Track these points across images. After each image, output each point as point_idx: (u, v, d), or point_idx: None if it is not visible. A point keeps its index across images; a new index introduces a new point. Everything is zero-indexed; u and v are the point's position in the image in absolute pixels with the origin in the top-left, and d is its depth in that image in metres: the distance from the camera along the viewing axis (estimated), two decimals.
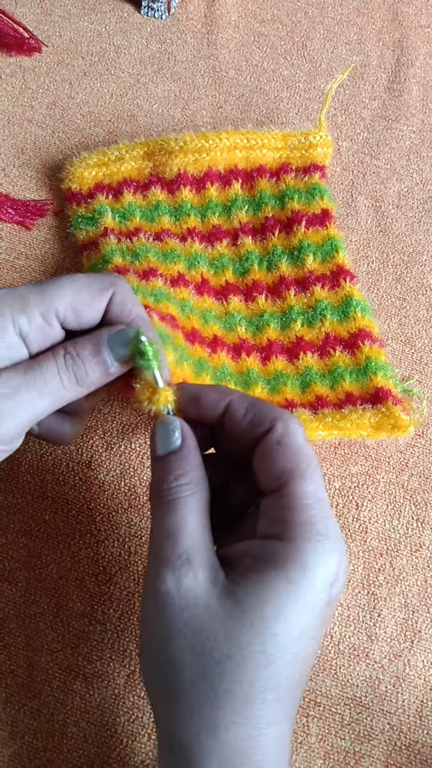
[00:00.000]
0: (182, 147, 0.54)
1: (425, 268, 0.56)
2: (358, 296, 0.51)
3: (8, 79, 0.64)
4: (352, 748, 0.39)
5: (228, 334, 0.50)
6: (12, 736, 0.39)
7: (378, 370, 0.47)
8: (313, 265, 0.52)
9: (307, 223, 0.54)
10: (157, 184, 0.55)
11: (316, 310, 0.50)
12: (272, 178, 0.56)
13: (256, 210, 0.55)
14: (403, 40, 0.69)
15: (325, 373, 0.48)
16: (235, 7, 0.70)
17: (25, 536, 0.44)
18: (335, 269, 0.52)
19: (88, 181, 0.55)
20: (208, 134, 0.55)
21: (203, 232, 0.54)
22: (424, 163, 0.62)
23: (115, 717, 0.39)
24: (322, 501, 0.32)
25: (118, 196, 0.54)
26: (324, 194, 0.55)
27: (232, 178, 0.56)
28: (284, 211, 0.55)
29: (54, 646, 0.41)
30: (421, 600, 0.43)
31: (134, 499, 0.45)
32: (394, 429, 0.44)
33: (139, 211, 0.54)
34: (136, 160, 0.55)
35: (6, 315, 0.34)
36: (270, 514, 0.32)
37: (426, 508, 0.46)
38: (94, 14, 0.69)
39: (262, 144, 0.55)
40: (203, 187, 0.55)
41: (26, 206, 0.56)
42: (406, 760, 0.39)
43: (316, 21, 0.71)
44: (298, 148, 0.56)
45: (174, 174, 0.55)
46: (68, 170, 0.55)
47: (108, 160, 0.55)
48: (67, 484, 0.45)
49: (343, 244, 0.53)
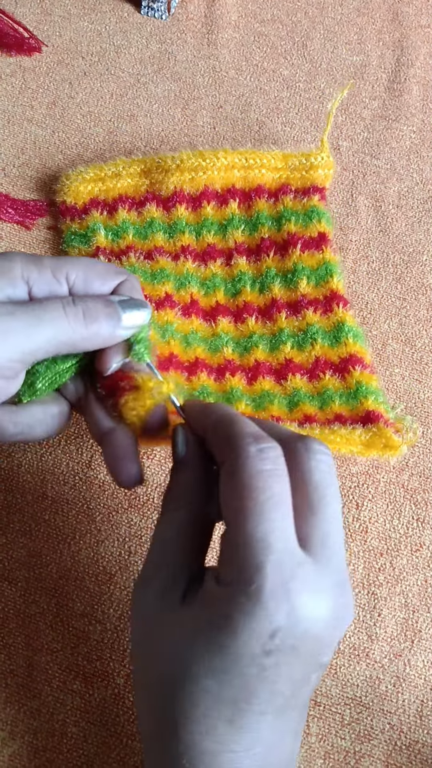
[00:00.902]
0: (179, 165, 0.53)
1: (425, 268, 0.56)
2: (351, 322, 0.50)
3: (8, 79, 0.64)
4: (352, 748, 0.39)
5: (212, 356, 0.49)
6: (12, 735, 0.39)
7: (369, 395, 0.46)
8: (306, 289, 0.51)
9: (302, 246, 0.53)
10: (152, 201, 0.54)
11: (307, 334, 0.49)
12: (270, 198, 0.55)
13: (252, 230, 0.54)
14: (403, 40, 0.69)
15: (314, 394, 0.47)
16: (235, 7, 0.70)
17: (25, 536, 0.44)
18: (329, 294, 0.51)
19: (84, 196, 0.54)
20: (205, 153, 0.54)
21: (197, 250, 0.53)
22: (424, 163, 0.62)
23: (115, 717, 0.39)
24: (262, 543, 0.28)
25: (112, 213, 0.54)
26: (322, 217, 0.54)
27: (229, 197, 0.55)
28: (280, 232, 0.54)
29: (54, 646, 0.41)
30: (422, 600, 0.43)
31: (134, 499, 0.45)
32: (385, 448, 0.44)
33: (132, 229, 0.53)
34: (133, 177, 0.54)
35: (16, 260, 0.34)
36: (222, 549, 0.30)
37: (426, 508, 0.46)
38: (94, 14, 0.69)
39: (261, 164, 0.54)
40: (199, 205, 0.54)
41: (26, 206, 0.56)
42: (407, 759, 0.39)
43: (316, 21, 0.71)
44: (299, 169, 0.55)
45: (170, 192, 0.54)
46: (63, 183, 0.54)
47: (105, 176, 0.54)
48: (67, 484, 0.45)
49: (338, 269, 0.52)
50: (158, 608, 0.30)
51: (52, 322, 0.33)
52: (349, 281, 0.55)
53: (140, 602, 0.31)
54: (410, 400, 0.50)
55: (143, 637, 0.31)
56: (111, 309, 0.35)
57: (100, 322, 0.35)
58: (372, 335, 0.52)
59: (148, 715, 0.31)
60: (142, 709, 0.32)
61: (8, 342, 0.32)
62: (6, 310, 0.32)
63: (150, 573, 0.32)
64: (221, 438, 0.31)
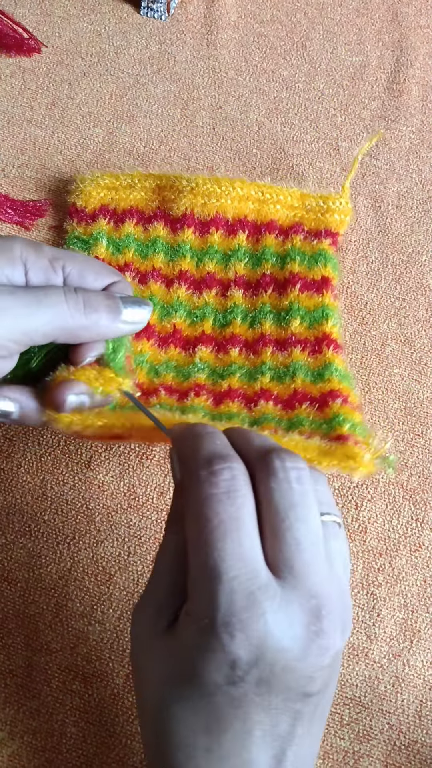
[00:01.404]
0: (193, 188, 0.52)
1: (425, 268, 0.56)
2: (340, 364, 0.47)
3: (8, 79, 0.64)
4: (351, 748, 0.39)
5: (182, 382, 0.47)
6: (11, 735, 0.39)
7: (345, 423, 0.41)
8: (298, 329, 0.49)
9: (302, 286, 0.51)
10: (161, 219, 0.53)
11: (289, 369, 0.47)
12: (280, 235, 0.54)
13: (255, 265, 0.53)
14: (403, 41, 0.69)
15: (284, 419, 0.44)
16: (234, 8, 0.71)
17: (24, 536, 0.44)
18: (320, 336, 0.49)
19: (94, 201, 0.54)
20: (222, 180, 0.53)
21: (195, 277, 0.52)
22: (424, 164, 0.62)
23: (114, 717, 0.39)
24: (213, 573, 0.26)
25: (119, 225, 0.53)
26: (328, 262, 0.52)
27: (238, 228, 0.54)
28: (283, 271, 0.52)
29: (53, 646, 0.41)
30: (421, 600, 0.43)
31: (134, 499, 0.45)
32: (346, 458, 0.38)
33: (134, 245, 0.52)
34: (146, 191, 0.54)
35: (16, 242, 0.35)
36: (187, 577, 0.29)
37: (425, 508, 0.46)
38: (93, 15, 0.69)
39: (276, 199, 0.53)
40: (207, 231, 0.53)
41: (26, 206, 0.56)
42: (406, 759, 0.39)
43: (315, 21, 0.71)
44: (314, 210, 0.54)
45: (180, 213, 0.53)
46: (78, 186, 0.54)
47: (119, 185, 0.54)
48: (66, 484, 0.45)
49: (336, 315, 0.50)
50: (148, 634, 0.30)
51: (52, 307, 0.34)
52: (348, 281, 0.55)
53: (136, 625, 0.31)
54: (410, 400, 0.50)
55: (137, 659, 0.31)
56: (112, 302, 0.36)
57: (99, 313, 0.35)
58: (372, 335, 0.53)
59: (143, 729, 0.32)
60: (140, 723, 0.32)
61: (7, 319, 0.33)
62: (7, 290, 0.33)
63: (145, 597, 0.31)
64: (180, 461, 0.30)
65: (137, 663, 0.31)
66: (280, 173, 0.60)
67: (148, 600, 0.31)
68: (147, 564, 0.43)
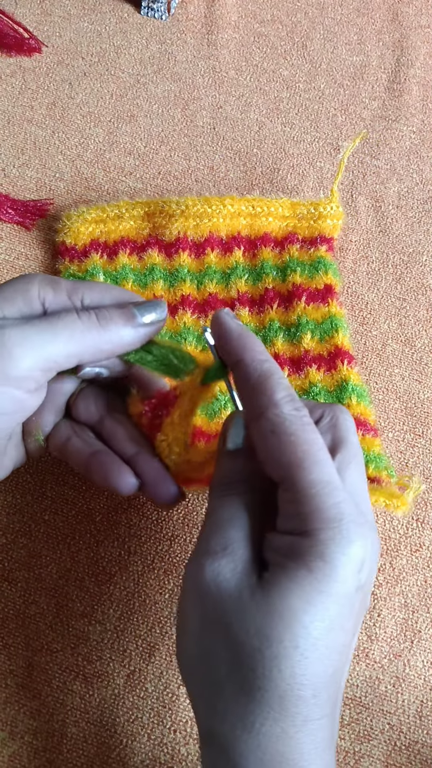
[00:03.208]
0: (183, 211, 0.52)
1: (425, 268, 0.56)
2: (356, 380, 0.48)
3: (8, 79, 0.64)
4: (351, 748, 0.39)
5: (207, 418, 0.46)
6: (12, 736, 0.39)
7: (370, 462, 0.44)
8: (310, 344, 0.49)
9: (308, 298, 0.51)
10: (154, 246, 0.53)
11: (309, 395, 0.47)
12: (276, 247, 0.54)
13: (256, 280, 0.53)
14: (403, 40, 0.69)
15: None
16: (235, 8, 0.70)
17: (24, 536, 0.44)
18: (333, 350, 0.49)
19: (84, 237, 0.52)
20: (211, 199, 0.52)
21: (198, 300, 0.52)
22: (424, 164, 0.62)
23: (115, 717, 0.39)
24: (331, 485, 0.30)
25: (112, 257, 0.52)
26: (329, 269, 0.52)
27: (233, 245, 0.53)
28: (285, 283, 0.52)
29: (54, 646, 0.41)
30: (421, 600, 0.43)
31: (134, 499, 0.45)
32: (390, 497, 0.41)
33: (132, 275, 0.52)
34: (136, 220, 0.53)
35: (34, 281, 0.36)
36: (283, 507, 0.31)
37: (426, 508, 0.46)
38: (94, 14, 0.69)
39: (268, 212, 0.53)
40: (203, 252, 0.53)
41: (26, 206, 0.56)
42: (406, 760, 0.39)
43: (316, 21, 0.71)
44: (307, 218, 0.53)
45: (173, 237, 0.53)
46: (64, 223, 0.52)
47: (107, 217, 0.52)
48: (67, 484, 0.45)
49: (344, 323, 0.50)
50: (241, 591, 0.30)
51: (66, 327, 0.34)
52: (349, 281, 0.55)
53: (221, 579, 0.30)
54: (410, 400, 0.50)
55: (229, 618, 0.30)
56: (124, 309, 0.36)
57: (116, 322, 0.35)
58: (372, 335, 0.53)
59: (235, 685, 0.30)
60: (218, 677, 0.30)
61: (26, 349, 0.33)
62: (22, 321, 0.34)
63: (228, 551, 0.31)
64: (260, 394, 0.32)
65: (229, 621, 0.30)
66: (280, 173, 0.60)
67: (229, 556, 0.31)
68: (147, 564, 0.43)
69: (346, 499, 0.30)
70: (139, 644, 0.41)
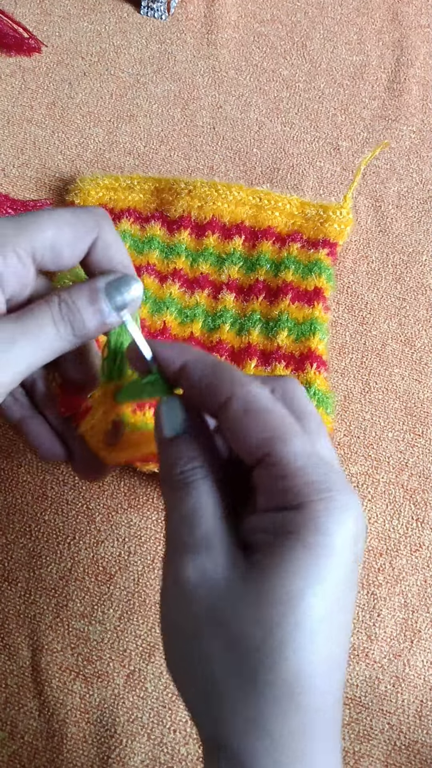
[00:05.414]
0: (190, 191, 0.53)
1: (425, 268, 0.56)
2: (321, 385, 0.47)
3: (8, 79, 0.64)
4: (351, 748, 0.39)
5: None
6: (12, 736, 0.39)
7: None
8: (284, 342, 0.49)
9: (294, 297, 0.51)
10: (158, 220, 0.54)
11: None
12: (277, 242, 0.54)
13: (249, 270, 0.53)
14: (403, 40, 0.69)
15: None
16: (234, 7, 0.70)
17: (25, 536, 0.44)
18: (306, 352, 0.49)
19: (92, 200, 0.54)
20: (219, 184, 0.53)
21: (188, 276, 0.52)
22: (424, 163, 0.62)
23: (115, 717, 0.39)
24: (316, 455, 0.29)
25: (116, 222, 0.53)
26: (323, 272, 0.52)
27: (235, 233, 0.54)
28: (276, 278, 0.52)
29: (54, 646, 0.41)
30: (421, 600, 0.43)
31: (134, 499, 0.45)
32: None
33: (130, 240, 0.53)
34: (145, 193, 0.54)
35: None
36: (265, 487, 0.29)
37: (426, 508, 0.46)
38: (93, 14, 0.69)
39: (274, 206, 0.53)
40: (203, 234, 0.54)
41: (26, 206, 0.56)
42: (406, 759, 0.39)
43: (316, 21, 0.71)
44: (314, 219, 0.53)
45: (177, 215, 0.54)
46: (77, 185, 0.54)
47: (118, 186, 0.54)
48: (67, 484, 0.45)
49: (324, 329, 0.50)
50: (230, 583, 0.28)
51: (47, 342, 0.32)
52: (349, 281, 0.55)
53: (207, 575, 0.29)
54: (410, 400, 0.50)
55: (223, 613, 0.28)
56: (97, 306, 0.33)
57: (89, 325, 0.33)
58: (372, 335, 0.53)
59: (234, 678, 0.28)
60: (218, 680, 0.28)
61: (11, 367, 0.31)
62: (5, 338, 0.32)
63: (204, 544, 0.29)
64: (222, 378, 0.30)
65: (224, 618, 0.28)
66: (280, 173, 0.60)
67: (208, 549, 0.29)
68: (147, 564, 0.43)
69: (332, 468, 0.29)
70: (139, 644, 0.41)
